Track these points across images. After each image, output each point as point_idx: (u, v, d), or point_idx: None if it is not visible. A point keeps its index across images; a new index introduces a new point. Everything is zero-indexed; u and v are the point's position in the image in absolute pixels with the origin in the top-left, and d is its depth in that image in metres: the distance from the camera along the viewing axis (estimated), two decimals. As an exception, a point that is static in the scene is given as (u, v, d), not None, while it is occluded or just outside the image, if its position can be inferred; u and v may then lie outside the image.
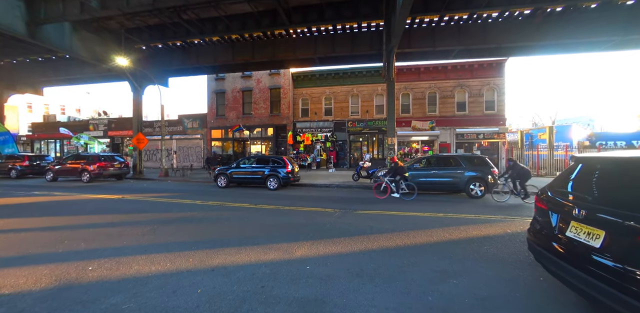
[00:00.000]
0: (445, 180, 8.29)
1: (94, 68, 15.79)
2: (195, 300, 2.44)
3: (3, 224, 4.96)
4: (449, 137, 17.28)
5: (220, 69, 16.51)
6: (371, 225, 4.89)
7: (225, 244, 3.86)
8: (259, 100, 19.54)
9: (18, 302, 2.43)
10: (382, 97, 18.54)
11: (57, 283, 2.75)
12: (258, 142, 19.85)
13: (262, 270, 3.04)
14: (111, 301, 2.43)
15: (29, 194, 8.56)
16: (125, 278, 2.86)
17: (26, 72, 17.69)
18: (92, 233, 4.44)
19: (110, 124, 23.30)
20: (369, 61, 15.09)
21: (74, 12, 10.48)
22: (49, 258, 3.37)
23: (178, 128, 20.94)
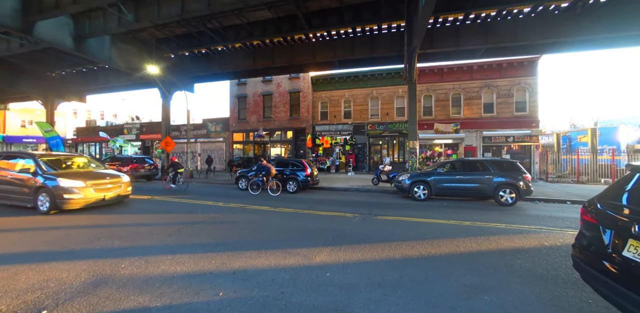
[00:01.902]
0: (471, 186, 7.85)
1: (129, 76, 17.05)
2: (217, 303, 2.48)
3: (51, 221, 5.43)
4: (475, 140, 16.42)
5: (242, 74, 17.07)
6: (393, 232, 4.73)
7: (246, 247, 3.91)
8: (279, 104, 19.92)
9: (60, 294, 2.62)
10: (402, 99, 18.12)
11: (94, 279, 2.93)
12: (278, 145, 20.20)
13: (282, 276, 3.03)
14: (139, 299, 2.54)
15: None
16: (152, 277, 2.99)
17: (72, 82, 19.52)
18: (125, 231, 4.71)
19: (141, 128, 24.94)
20: (388, 63, 14.86)
21: (112, 26, 11.39)
22: (88, 254, 3.61)
23: (202, 131, 21.90)
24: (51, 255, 3.61)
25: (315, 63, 14.75)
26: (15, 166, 6.31)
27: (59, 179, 5.79)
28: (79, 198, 5.81)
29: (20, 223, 5.26)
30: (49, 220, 5.42)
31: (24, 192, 5.97)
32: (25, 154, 6.56)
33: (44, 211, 5.75)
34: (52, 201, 5.67)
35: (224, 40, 13.65)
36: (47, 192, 5.70)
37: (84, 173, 6.43)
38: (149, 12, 10.60)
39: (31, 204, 5.90)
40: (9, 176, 6.21)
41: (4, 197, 6.23)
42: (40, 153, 6.69)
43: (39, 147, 35.47)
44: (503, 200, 7.41)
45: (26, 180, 5.99)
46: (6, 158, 6.64)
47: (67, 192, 5.69)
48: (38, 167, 6.05)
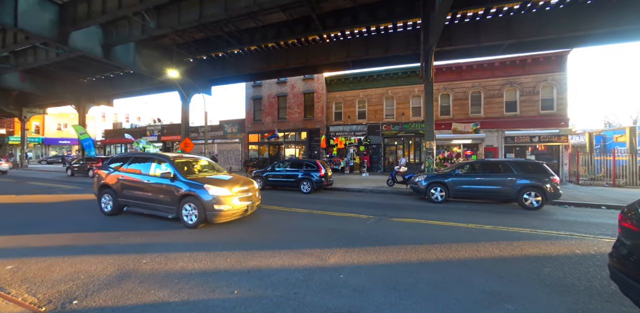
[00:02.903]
0: (492, 188, 7.49)
1: (151, 81, 17.93)
2: (232, 301, 2.52)
3: (83, 216, 5.79)
4: (496, 140, 15.68)
5: (257, 76, 17.40)
6: (408, 235, 4.61)
7: (260, 247, 3.96)
8: (293, 105, 20.10)
9: (89, 286, 2.78)
10: (418, 98, 17.68)
11: (119, 273, 3.08)
12: (292, 145, 20.37)
13: (295, 276, 3.03)
14: (159, 294, 2.64)
15: (99, 191, 9.93)
16: (171, 273, 3.10)
17: (101, 87, 20.82)
18: (147, 228, 4.93)
19: (162, 130, 26.09)
20: (404, 62, 14.54)
21: (137, 33, 12.02)
22: (113, 249, 3.81)
23: (219, 133, 22.54)
24: (81, 249, 3.84)
25: (329, 64, 14.75)
26: (149, 170, 5.54)
27: (206, 186, 4.86)
28: (227, 210, 4.89)
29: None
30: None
31: (164, 201, 5.15)
32: (159, 157, 5.68)
33: (192, 225, 4.87)
34: (200, 213, 4.79)
35: (240, 43, 13.98)
36: (195, 202, 4.83)
37: (222, 180, 5.41)
38: (170, 18, 11.07)
39: (173, 215, 5.09)
40: (145, 181, 5.43)
41: (140, 205, 5.49)
42: (173, 155, 5.85)
43: (72, 148, 38.10)
44: (527, 204, 7.01)
45: (165, 187, 5.13)
46: (137, 161, 5.86)
47: (218, 203, 4.79)
48: (177, 171, 5.20)
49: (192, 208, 4.92)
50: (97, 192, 6.21)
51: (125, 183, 5.71)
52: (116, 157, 6.48)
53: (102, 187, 6.07)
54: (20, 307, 2.27)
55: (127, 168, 5.86)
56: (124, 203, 5.78)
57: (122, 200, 5.74)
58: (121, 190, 5.72)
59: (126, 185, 5.68)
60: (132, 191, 5.59)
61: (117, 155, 6.71)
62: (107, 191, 5.95)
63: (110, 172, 6.06)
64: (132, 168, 5.81)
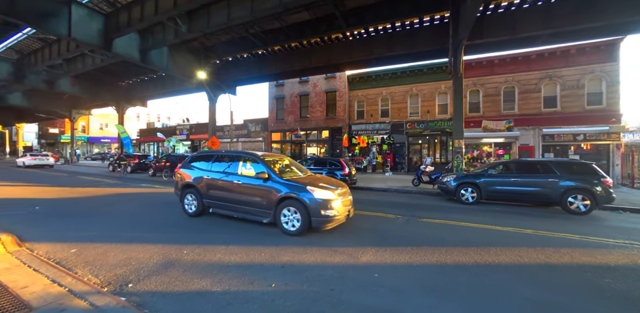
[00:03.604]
0: (531, 190, 6.98)
1: (181, 82, 18.94)
2: (271, 293, 2.60)
3: (128, 208, 6.29)
4: (533, 138, 14.58)
5: (280, 75, 17.67)
6: (441, 236, 4.45)
7: (291, 243, 4.04)
8: (315, 104, 20.19)
9: (140, 272, 3.02)
10: (445, 95, 16.94)
11: (164, 261, 3.31)
12: (314, 144, 20.50)
13: (329, 273, 3.05)
14: (202, 283, 2.79)
15: (138, 186, 10.71)
16: (210, 264, 3.26)
17: (137, 89, 22.39)
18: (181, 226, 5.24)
19: (191, 129, 27.49)
20: (429, 58, 13.97)
21: (170, 38, 12.73)
22: (156, 240, 4.09)
23: (243, 131, 23.28)
24: (129, 237, 4.17)
25: (351, 62, 14.60)
26: (237, 169, 5.13)
27: (310, 189, 4.31)
28: (334, 216, 4.27)
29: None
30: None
31: (257, 203, 4.69)
32: (247, 155, 5.26)
33: (293, 232, 4.31)
34: (305, 219, 4.22)
35: (264, 44, 14.29)
36: (297, 207, 4.28)
37: (320, 181, 4.86)
38: (200, 22, 11.59)
39: (268, 219, 4.57)
40: (234, 182, 4.98)
41: (228, 207, 5.08)
42: (261, 153, 5.44)
43: (111, 146, 41.42)
44: (573, 208, 6.44)
45: (259, 188, 4.66)
46: (222, 160, 5.44)
47: (325, 207, 4.20)
48: (271, 171, 4.74)
49: (292, 213, 4.37)
50: (179, 192, 5.89)
51: (211, 183, 5.29)
52: (197, 155, 6.08)
53: (185, 186, 5.71)
54: (87, 286, 2.53)
55: (212, 167, 5.46)
56: (209, 205, 5.36)
57: (207, 201, 5.36)
58: (206, 191, 5.33)
59: (212, 186, 5.27)
60: (218, 192, 5.18)
61: (197, 153, 6.24)
62: (190, 191, 5.60)
63: (193, 171, 5.67)
64: (217, 167, 5.41)
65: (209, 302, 2.44)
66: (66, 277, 2.71)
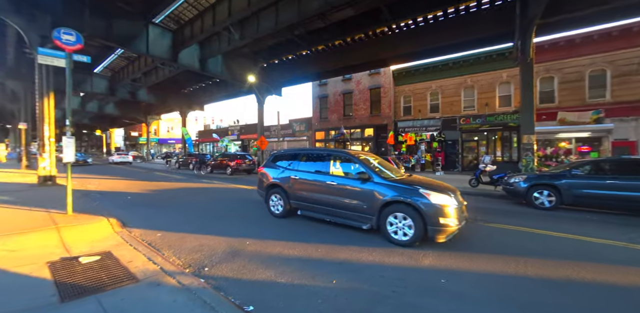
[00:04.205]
0: (636, 195, 5.69)
1: (233, 87, 20.56)
2: (333, 289, 2.62)
3: (197, 200, 7.11)
4: (634, 131, 11.89)
5: (324, 75, 17.84)
6: (515, 243, 3.93)
7: (346, 242, 4.00)
8: (359, 102, 19.87)
9: (212, 258, 3.35)
10: (507, 85, 14.98)
11: (230, 250, 3.61)
12: (357, 142, 20.22)
13: (390, 274, 2.94)
14: (267, 273, 2.96)
15: (199, 181, 11.99)
16: (272, 256, 3.44)
17: (196, 95, 25.10)
18: (243, 217, 5.66)
19: (241, 130, 29.70)
20: (488, 44, 12.45)
21: (224, 46, 13.90)
22: (220, 231, 4.45)
23: (288, 131, 24.21)
24: (198, 228, 4.67)
25: (397, 55, 13.94)
26: (328, 169, 4.76)
27: (424, 192, 3.75)
28: (454, 225, 3.68)
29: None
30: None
31: (356, 207, 4.21)
32: (340, 153, 4.87)
33: (403, 242, 3.75)
34: (419, 227, 3.63)
35: (308, 44, 14.58)
36: (408, 213, 3.72)
37: (426, 182, 4.33)
38: (250, 29, 12.37)
39: (368, 225, 4.08)
40: (327, 182, 4.60)
41: (320, 210, 4.69)
42: (354, 151, 4.99)
43: (175, 146, 47.38)
44: (699, 218, 5.03)
45: (358, 190, 4.21)
46: (311, 159, 5.14)
47: (444, 215, 3.62)
48: (372, 171, 4.27)
49: (400, 220, 3.81)
50: (263, 192, 5.69)
51: (300, 183, 4.98)
52: (281, 153, 5.80)
53: (271, 186, 5.48)
54: (173, 267, 2.91)
55: (299, 166, 5.17)
56: (297, 206, 5.05)
57: (294, 202, 5.05)
58: (294, 192, 5.03)
59: (300, 186, 4.96)
60: (308, 193, 4.85)
61: (282, 151, 5.93)
62: (275, 191, 5.37)
63: (279, 170, 5.45)
64: (305, 166, 5.10)
65: (276, 293, 2.56)
66: (157, 257, 3.16)
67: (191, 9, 12.82)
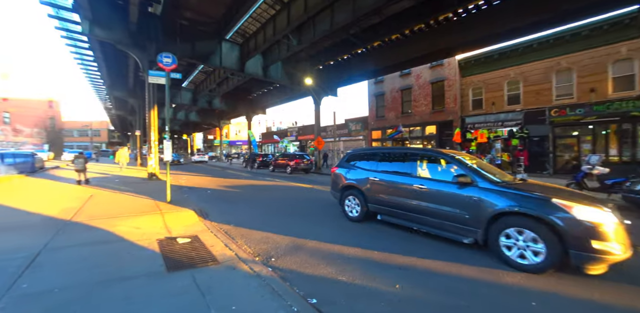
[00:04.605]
0: None
1: (292, 90, 21.79)
2: (396, 294, 2.50)
3: (263, 196, 7.84)
4: None
5: (381, 71, 17.22)
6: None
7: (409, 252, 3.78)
8: (419, 97, 18.50)
9: (277, 250, 3.61)
10: (628, 63, 11.63)
11: (292, 245, 3.81)
12: (417, 141, 18.87)
13: (460, 286, 2.64)
14: (328, 269, 3.02)
15: (264, 179, 13.14)
16: (331, 253, 3.50)
17: (259, 100, 27.57)
18: (303, 215, 5.95)
19: (299, 131, 31.23)
20: (591, 14, 9.85)
21: (283, 53, 14.84)
22: (281, 230, 4.55)
23: (344, 131, 24.30)
24: (261, 225, 5.09)
25: (466, 42, 12.38)
26: (415, 170, 4.21)
27: (560, 202, 2.86)
28: (617, 252, 2.65)
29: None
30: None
31: (454, 216, 3.53)
32: (432, 153, 4.34)
33: (528, 267, 2.91)
34: (553, 250, 2.76)
35: (363, 42, 14.33)
36: (536, 229, 2.88)
37: (553, 190, 3.42)
38: (307, 34, 12.88)
39: (471, 239, 3.40)
40: (415, 185, 4.03)
41: (406, 216, 4.19)
42: (449, 150, 4.42)
43: (242, 148, 53.04)
44: None
45: (456, 197, 3.54)
46: (392, 159, 4.64)
47: (596, 236, 2.65)
48: (475, 174, 3.57)
49: (523, 238, 2.98)
50: (337, 193, 5.42)
51: (380, 185, 4.58)
52: (357, 153, 5.50)
53: (346, 188, 5.17)
54: (246, 254, 3.26)
55: (379, 166, 4.76)
56: (376, 210, 4.66)
57: (373, 206, 4.66)
58: (373, 194, 4.65)
59: (381, 189, 4.56)
60: (390, 197, 4.40)
61: (357, 150, 5.65)
62: (351, 193, 5.03)
63: (356, 171, 5.12)
64: (386, 167, 4.67)
65: (337, 289, 2.60)
66: (232, 244, 3.60)
67: (254, 23, 14.15)
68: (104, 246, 3.43)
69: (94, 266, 2.82)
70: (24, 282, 2.44)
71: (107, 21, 10.91)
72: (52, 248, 3.30)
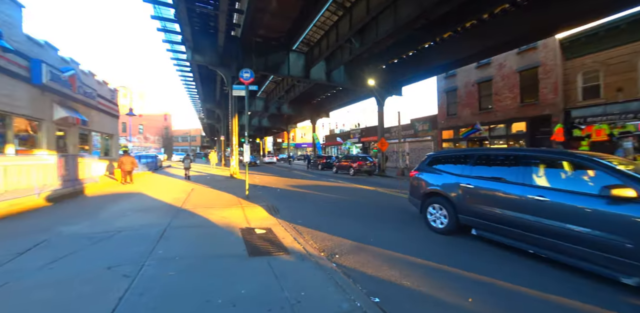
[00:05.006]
0: None
1: (354, 92, 21.89)
2: (467, 309, 2.28)
3: (324, 197, 8.20)
4: None
5: (453, 64, 15.53)
6: None
7: (490, 274, 3.35)
8: (502, 90, 15.85)
9: (341, 248, 3.75)
10: None
11: (356, 246, 3.88)
12: (501, 140, 16.18)
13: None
14: (391, 272, 2.97)
15: (327, 180, 13.61)
16: (396, 258, 3.41)
17: (322, 104, 28.67)
18: (366, 216, 5.94)
19: (362, 133, 30.99)
20: None
21: (346, 57, 15.08)
22: (339, 232, 4.68)
23: (410, 131, 22.87)
24: (322, 226, 5.34)
25: (574, 15, 9.98)
26: (528, 178, 3.37)
27: None
28: None
29: None
30: None
31: (606, 244, 2.57)
32: (550, 154, 3.61)
33: None
34: None
35: (432, 34, 13.26)
36: None
37: None
38: (369, 35, 12.77)
39: (637, 280, 2.42)
40: (528, 197, 3.23)
41: (518, 235, 3.34)
42: (584, 151, 3.47)
43: (306, 150, 55.94)
44: None
45: (604, 215, 2.63)
46: (491, 163, 3.97)
47: None
48: (636, 183, 2.56)
49: None
50: (417, 201, 4.89)
51: (476, 194, 3.85)
52: (442, 155, 4.92)
53: (428, 195, 4.61)
54: (312, 248, 3.51)
55: (473, 171, 4.04)
56: (470, 223, 3.94)
57: (466, 217, 3.96)
58: (466, 204, 3.95)
59: (477, 198, 3.82)
60: (490, 208, 3.63)
61: (442, 152, 5.09)
62: (436, 201, 4.44)
63: (441, 175, 4.51)
64: (483, 171, 3.95)
65: (401, 292, 2.54)
66: (300, 238, 3.92)
67: (318, 31, 14.88)
68: (204, 229, 4.27)
69: (199, 243, 3.57)
70: (159, 249, 3.30)
71: (202, 48, 13.43)
72: (172, 226, 4.32)
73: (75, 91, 10.52)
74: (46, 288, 2.34)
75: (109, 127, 14.83)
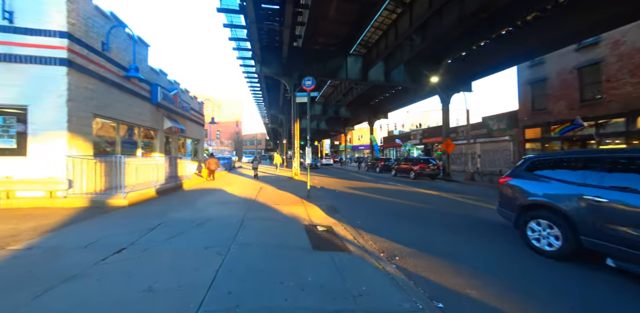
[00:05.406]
0: None
1: (414, 92, 20.67)
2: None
3: (382, 200, 8.10)
4: None
5: (539, 50, 13.09)
6: None
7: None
8: (618, 74, 12.49)
9: (400, 251, 3.71)
10: None
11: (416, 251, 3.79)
12: (618, 139, 12.74)
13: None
14: (456, 280, 2.83)
15: (386, 183, 13.25)
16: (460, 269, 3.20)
17: (380, 105, 27.95)
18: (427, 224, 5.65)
19: (424, 133, 28.89)
20: None
21: (405, 54, 14.44)
22: (399, 236, 4.68)
23: (481, 131, 20.20)
24: (368, 229, 5.30)
25: None
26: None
27: None
28: None
29: None
30: None
31: None
32: None
33: None
34: None
35: (509, 19, 11.51)
36: None
37: None
38: (431, 29, 11.94)
39: None
40: None
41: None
42: None
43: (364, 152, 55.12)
44: None
45: None
46: (633, 169, 2.96)
47: None
48: None
49: None
50: (511, 213, 4.09)
51: (610, 211, 2.95)
52: (547, 158, 4.01)
53: (529, 207, 3.80)
54: (372, 248, 3.62)
55: (604, 180, 3.10)
56: (600, 249, 3.03)
57: (595, 241, 3.05)
58: (593, 223, 3.07)
59: (618, 217, 2.89)
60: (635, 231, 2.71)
61: (547, 155, 4.13)
62: (542, 215, 3.61)
63: (545, 183, 3.71)
64: (621, 180, 3.01)
65: (468, 302, 2.41)
66: (359, 238, 4.05)
67: (376, 32, 14.70)
68: (273, 222, 4.85)
69: (270, 234, 4.10)
70: (240, 236, 3.94)
71: (268, 60, 14.98)
72: (248, 218, 5.06)
73: (177, 106, 13.17)
74: (171, 254, 3.17)
75: (197, 133, 17.92)
